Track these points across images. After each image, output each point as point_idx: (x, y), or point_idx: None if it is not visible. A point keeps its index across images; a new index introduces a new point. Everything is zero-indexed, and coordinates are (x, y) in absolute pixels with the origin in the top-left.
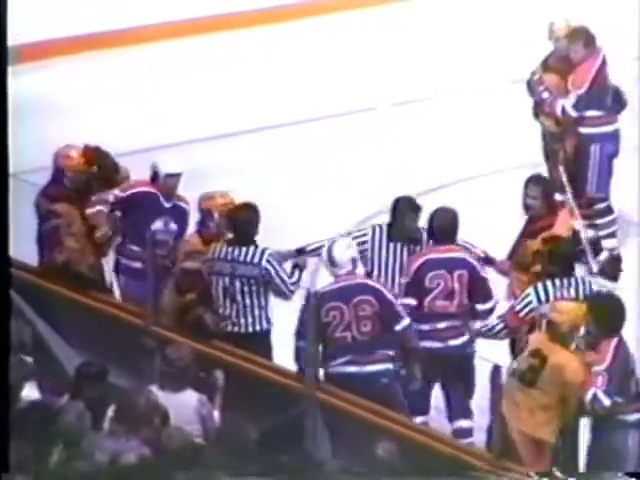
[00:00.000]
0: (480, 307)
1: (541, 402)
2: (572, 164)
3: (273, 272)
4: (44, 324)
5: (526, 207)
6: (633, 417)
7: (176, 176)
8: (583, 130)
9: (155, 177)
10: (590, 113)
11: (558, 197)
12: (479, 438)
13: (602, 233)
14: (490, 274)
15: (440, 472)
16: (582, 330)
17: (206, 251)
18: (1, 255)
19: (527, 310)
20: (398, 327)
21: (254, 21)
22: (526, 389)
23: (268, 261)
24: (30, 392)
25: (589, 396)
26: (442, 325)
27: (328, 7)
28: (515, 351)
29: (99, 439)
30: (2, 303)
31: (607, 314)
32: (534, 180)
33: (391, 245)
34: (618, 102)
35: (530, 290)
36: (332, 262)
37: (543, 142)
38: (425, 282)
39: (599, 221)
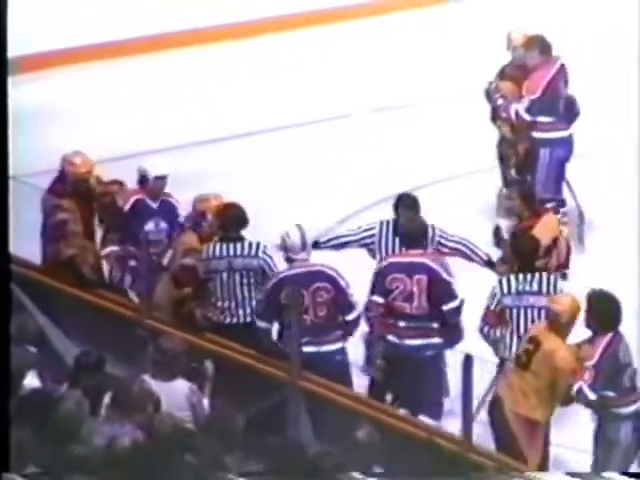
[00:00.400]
0: (445, 307)
1: (533, 385)
2: (523, 166)
3: (271, 263)
4: (44, 317)
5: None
6: (626, 410)
7: (163, 178)
8: (535, 134)
9: (143, 180)
10: (542, 118)
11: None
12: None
13: None
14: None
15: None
16: (578, 322)
17: (202, 249)
18: (1, 252)
19: (495, 303)
20: (349, 317)
21: (240, 32)
22: (520, 372)
23: (265, 252)
24: (31, 381)
25: (575, 388)
26: (402, 324)
27: (313, 19)
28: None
29: (96, 424)
30: (2, 300)
31: (603, 311)
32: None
33: (397, 240)
34: (571, 111)
35: (496, 284)
36: (288, 248)
37: (498, 146)
38: (385, 284)
39: None
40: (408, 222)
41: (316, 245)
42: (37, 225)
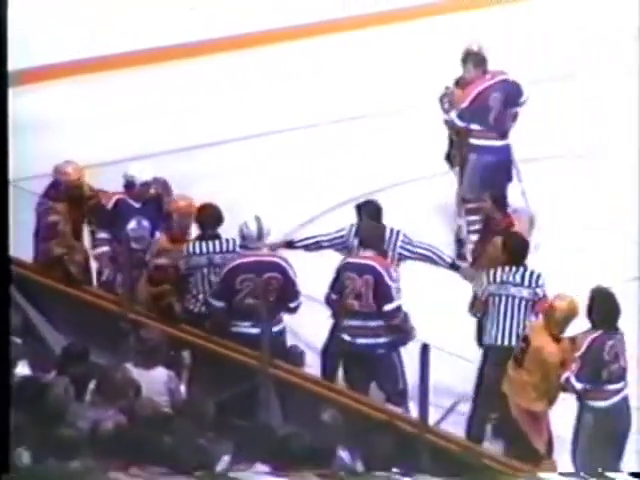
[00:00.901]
0: (385, 308)
1: (529, 380)
2: (462, 167)
3: None
4: (34, 310)
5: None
6: (597, 404)
7: (147, 184)
8: (470, 140)
9: (129, 185)
10: (474, 126)
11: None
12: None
13: (471, 228)
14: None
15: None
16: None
17: (173, 249)
18: (2, 253)
19: (481, 292)
20: (292, 305)
21: (229, 45)
22: (518, 369)
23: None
24: (22, 370)
25: (564, 377)
26: (354, 323)
27: (283, 36)
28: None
29: (82, 409)
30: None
31: (600, 308)
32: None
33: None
34: (502, 124)
35: (483, 274)
36: (245, 237)
37: (448, 148)
38: (340, 281)
39: (469, 218)
40: (366, 226)
41: (290, 244)
42: (28, 226)
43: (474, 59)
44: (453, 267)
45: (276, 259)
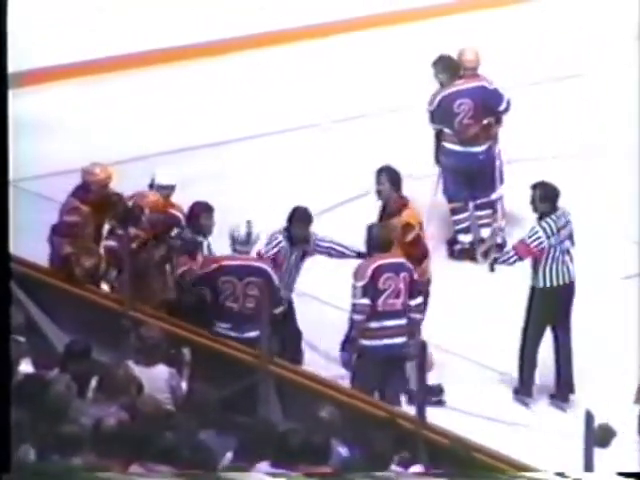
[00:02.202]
0: (412, 302)
1: None
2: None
3: None
4: (37, 309)
5: (378, 193)
6: None
7: (169, 187)
8: (443, 143)
9: (152, 186)
10: (447, 130)
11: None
12: None
13: (457, 227)
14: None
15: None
16: None
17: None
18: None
19: (537, 243)
20: (276, 311)
21: (230, 47)
22: None
23: None
24: (25, 368)
25: None
26: (390, 323)
27: (280, 38)
28: None
29: (84, 406)
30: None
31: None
32: (384, 170)
33: (293, 249)
34: (465, 131)
35: (537, 227)
36: (235, 239)
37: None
38: (379, 284)
39: (454, 217)
40: (378, 229)
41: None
42: (33, 226)
43: (442, 64)
44: (360, 256)
45: (260, 264)
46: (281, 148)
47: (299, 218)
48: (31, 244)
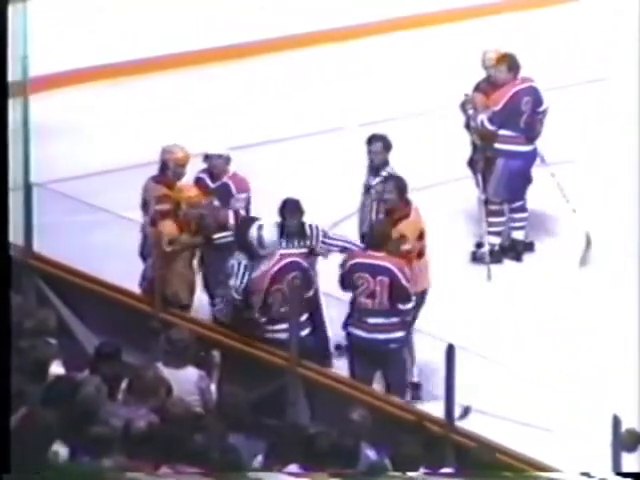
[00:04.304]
0: (402, 307)
1: None
2: (485, 171)
3: None
4: (67, 310)
5: (384, 201)
6: None
7: (223, 157)
8: (496, 145)
9: (207, 158)
10: (503, 131)
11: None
12: None
13: (492, 229)
14: None
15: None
16: None
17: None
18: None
19: None
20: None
21: (248, 52)
22: None
23: None
24: (56, 369)
25: None
26: (367, 320)
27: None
28: None
29: (114, 408)
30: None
31: None
32: (390, 178)
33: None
34: (532, 130)
35: None
36: (260, 243)
37: (471, 153)
38: (353, 279)
39: (490, 219)
40: (376, 226)
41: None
42: (58, 226)
43: (508, 62)
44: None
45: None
46: (304, 152)
47: (290, 210)
48: (56, 241)
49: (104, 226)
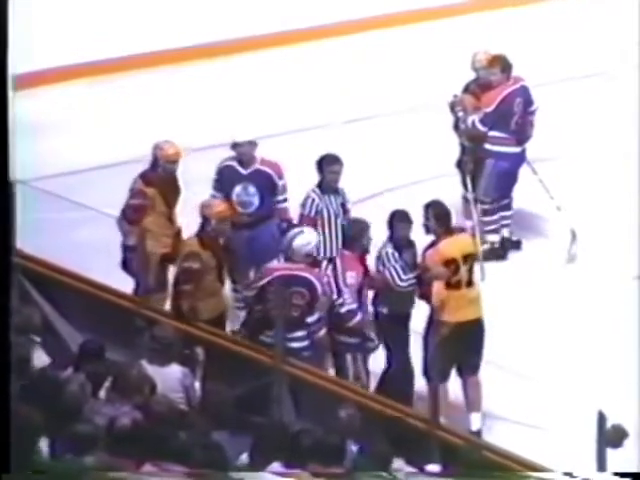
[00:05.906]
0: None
1: None
2: (474, 172)
3: None
4: (51, 308)
5: (425, 228)
6: None
7: (251, 144)
8: (486, 146)
9: (235, 146)
10: (493, 133)
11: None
12: None
13: (487, 228)
14: None
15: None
16: None
17: (203, 253)
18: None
19: None
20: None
21: (239, 48)
22: None
23: None
24: (39, 366)
25: None
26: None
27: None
28: None
29: (98, 405)
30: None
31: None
32: (431, 205)
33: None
34: (522, 131)
35: None
36: (290, 249)
37: (459, 154)
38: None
39: (484, 219)
40: (354, 224)
41: None
42: (41, 223)
43: (502, 63)
44: None
45: (306, 274)
46: (292, 148)
47: (329, 163)
48: (40, 242)
49: (89, 223)
